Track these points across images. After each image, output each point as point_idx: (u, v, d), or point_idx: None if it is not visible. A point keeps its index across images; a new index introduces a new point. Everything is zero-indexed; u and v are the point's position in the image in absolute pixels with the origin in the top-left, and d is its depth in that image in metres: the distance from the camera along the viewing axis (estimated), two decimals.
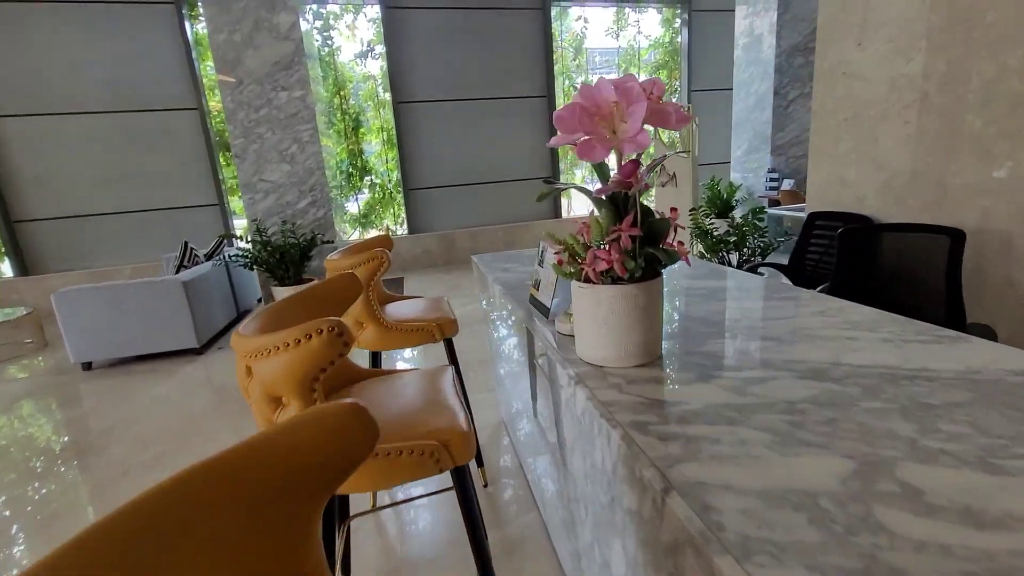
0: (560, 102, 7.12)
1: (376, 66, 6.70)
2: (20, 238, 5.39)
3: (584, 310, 0.99)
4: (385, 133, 6.78)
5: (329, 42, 6.42)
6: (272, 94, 4.13)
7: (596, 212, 0.99)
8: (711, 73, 7.38)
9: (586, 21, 7.51)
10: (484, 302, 2.67)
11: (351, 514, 1.47)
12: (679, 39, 7.63)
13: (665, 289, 1.54)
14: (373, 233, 7.16)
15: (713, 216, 5.60)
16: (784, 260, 2.80)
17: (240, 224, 6.24)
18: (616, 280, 0.93)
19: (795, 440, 0.70)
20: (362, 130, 6.83)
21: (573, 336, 1.18)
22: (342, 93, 6.63)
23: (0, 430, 2.91)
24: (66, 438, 2.75)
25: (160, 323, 3.70)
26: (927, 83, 2.02)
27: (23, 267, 5.44)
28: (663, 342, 1.09)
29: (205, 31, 5.71)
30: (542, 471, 1.62)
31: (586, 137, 0.85)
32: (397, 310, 2.01)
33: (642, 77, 0.94)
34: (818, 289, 2.31)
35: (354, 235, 7.10)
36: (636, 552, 0.77)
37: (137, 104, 5.43)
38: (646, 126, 0.87)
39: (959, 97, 1.92)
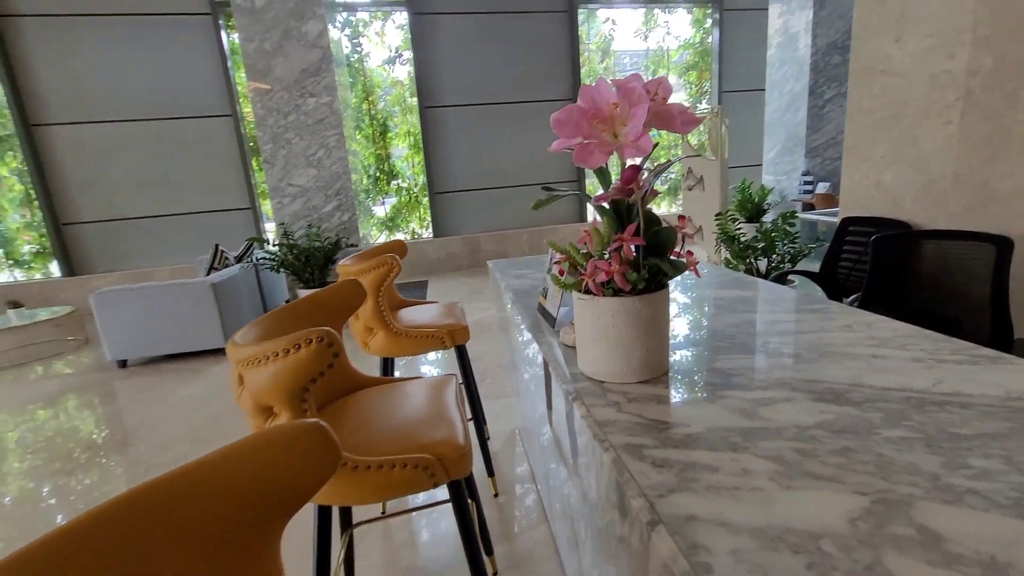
0: None
1: (404, 71, 6.79)
2: (67, 240, 5.68)
3: (585, 323, 0.94)
4: (412, 137, 6.85)
5: (358, 48, 6.53)
6: (300, 100, 4.22)
7: (599, 220, 0.95)
8: (743, 73, 7.18)
9: (614, 23, 7.42)
10: (509, 305, 2.64)
11: (354, 522, 1.45)
12: (710, 39, 7.46)
13: (684, 300, 1.47)
14: (399, 237, 7.24)
15: (743, 221, 5.43)
16: (816, 267, 2.68)
17: (271, 227, 6.40)
18: (618, 292, 0.89)
19: (802, 472, 0.64)
20: (389, 135, 6.92)
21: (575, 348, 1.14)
22: (370, 99, 6.73)
23: (47, 422, 3.05)
24: (98, 434, 2.85)
25: (190, 324, 3.81)
26: (972, 80, 1.89)
27: (70, 268, 5.73)
28: (674, 357, 1.03)
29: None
30: (553, 484, 1.57)
31: (584, 141, 0.81)
32: (410, 315, 2.00)
33: (672, 79, 0.89)
34: (849, 300, 2.19)
35: (380, 238, 7.19)
36: None
37: (175, 112, 5.65)
38: (653, 129, 0.82)
39: (1008, 94, 1.78)
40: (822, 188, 5.39)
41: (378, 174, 6.96)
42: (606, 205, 0.89)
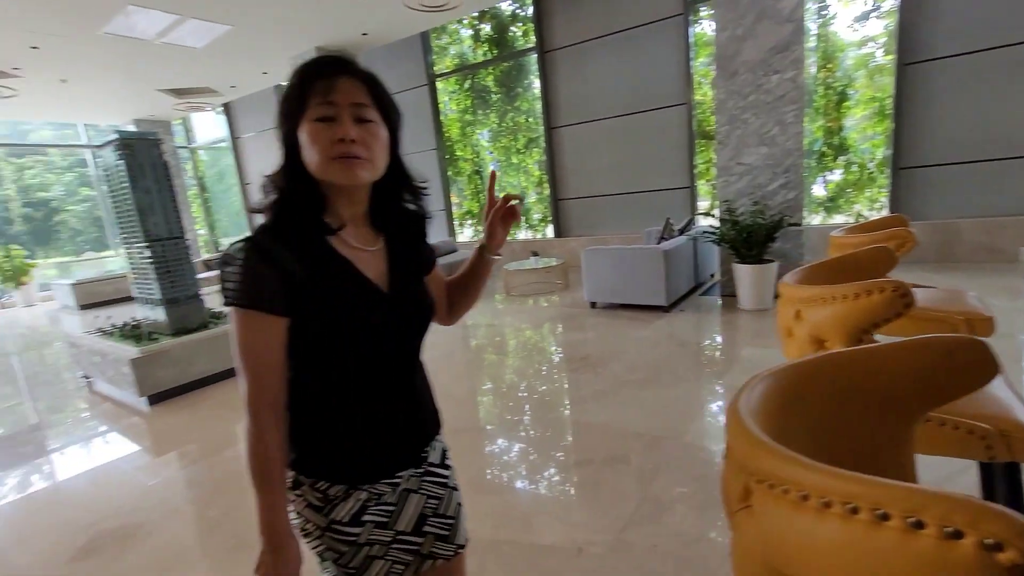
0: None
1: (878, 26, 5.81)
2: (559, 211, 7.77)
3: None
4: (877, 103, 5.85)
5: (824, 13, 5.99)
6: (763, 79, 4.28)
7: None
8: None
9: None
10: None
11: None
12: None
13: None
14: (839, 219, 6.44)
15: None
16: None
17: (702, 205, 6.86)
18: None
19: None
20: (846, 103, 6.13)
21: None
22: (829, 66, 6.11)
23: (531, 339, 4.42)
24: (578, 353, 3.91)
25: (642, 281, 4.61)
26: None
27: (558, 231, 7.86)
28: None
29: (703, 32, 6.39)
30: None
31: None
32: None
33: None
34: None
35: (815, 219, 6.58)
36: None
37: (641, 106, 6.72)
38: None
39: None
40: None
41: (824, 149, 6.32)
42: None
